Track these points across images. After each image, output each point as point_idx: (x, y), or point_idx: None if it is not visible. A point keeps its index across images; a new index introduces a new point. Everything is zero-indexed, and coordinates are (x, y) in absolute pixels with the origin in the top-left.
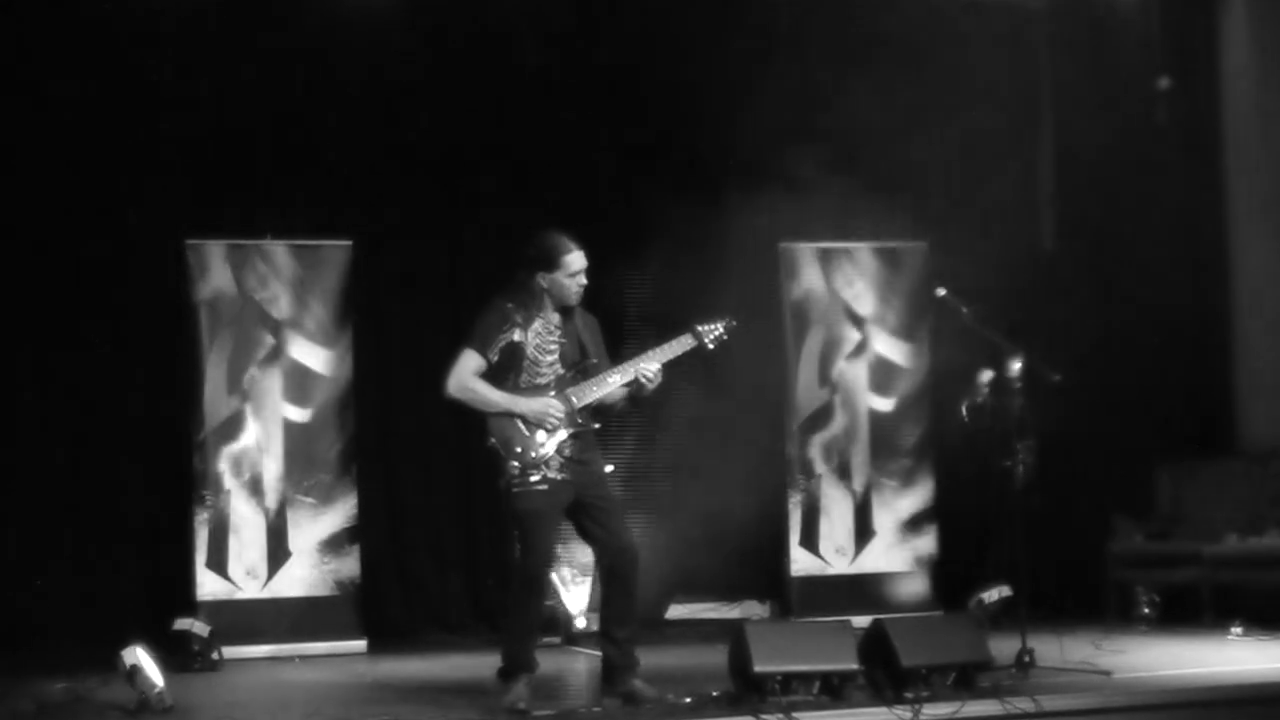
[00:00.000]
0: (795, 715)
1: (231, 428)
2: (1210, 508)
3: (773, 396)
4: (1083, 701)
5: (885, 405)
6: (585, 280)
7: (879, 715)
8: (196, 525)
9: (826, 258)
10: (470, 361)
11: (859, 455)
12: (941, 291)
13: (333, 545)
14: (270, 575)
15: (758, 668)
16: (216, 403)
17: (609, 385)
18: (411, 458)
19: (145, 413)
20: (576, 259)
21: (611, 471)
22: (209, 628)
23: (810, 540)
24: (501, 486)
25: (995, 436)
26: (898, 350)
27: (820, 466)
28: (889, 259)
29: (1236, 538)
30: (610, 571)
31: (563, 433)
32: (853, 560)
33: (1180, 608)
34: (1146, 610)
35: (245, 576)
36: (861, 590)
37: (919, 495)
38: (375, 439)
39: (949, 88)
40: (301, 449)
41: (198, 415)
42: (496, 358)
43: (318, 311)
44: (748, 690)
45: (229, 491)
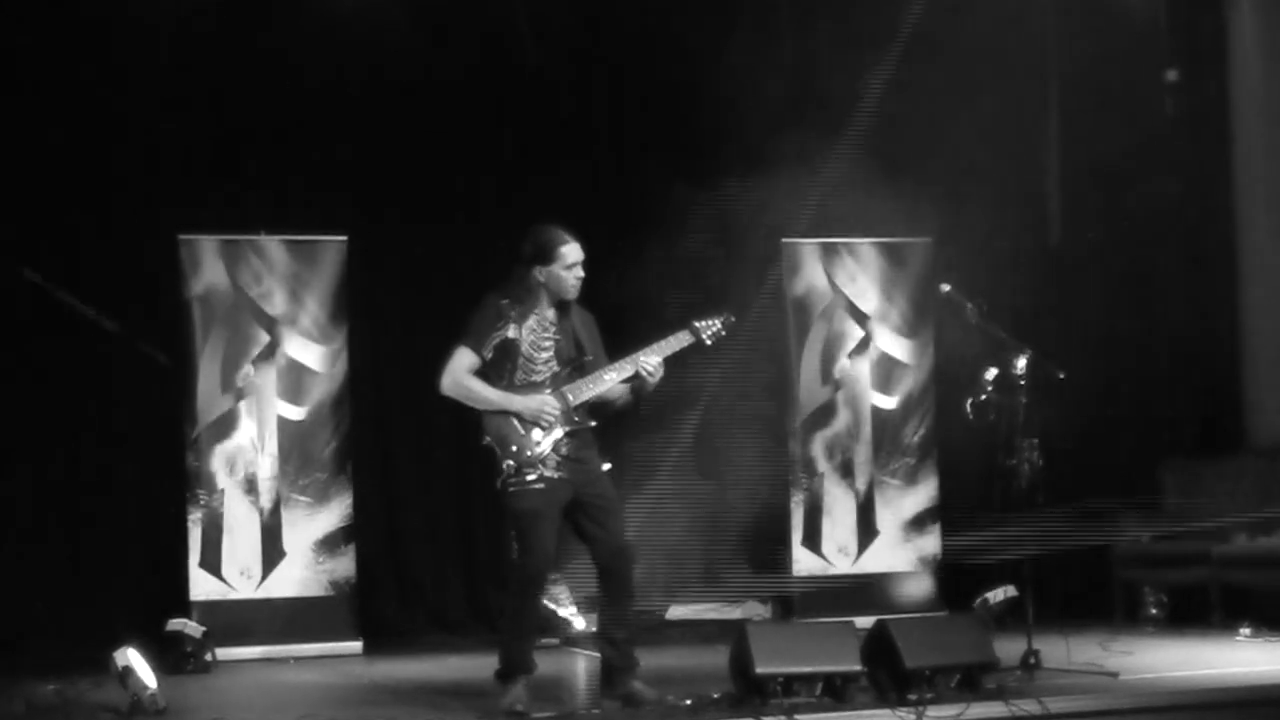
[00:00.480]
0: (797, 717)
1: (225, 425)
2: (1219, 506)
3: (775, 394)
4: (1089, 703)
5: (889, 403)
6: (583, 273)
7: (882, 717)
8: (190, 524)
9: (829, 253)
10: (464, 358)
11: (862, 454)
12: (946, 287)
13: (328, 545)
14: (264, 575)
15: (759, 669)
16: (210, 400)
17: (605, 382)
18: (408, 456)
19: (138, 410)
20: (573, 251)
21: (609, 469)
22: (202, 629)
23: (813, 540)
24: (498, 486)
25: (1000, 434)
26: (901, 347)
27: (823, 465)
28: (892, 254)
29: (1245, 537)
30: (606, 572)
31: (559, 431)
32: (856, 560)
33: (1188, 608)
34: (1154, 611)
35: (239, 576)
36: (865, 590)
37: (923, 494)
38: (371, 437)
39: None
40: (297, 447)
41: (191, 413)
42: (490, 354)
43: (313, 308)
44: (749, 692)
45: (223, 490)
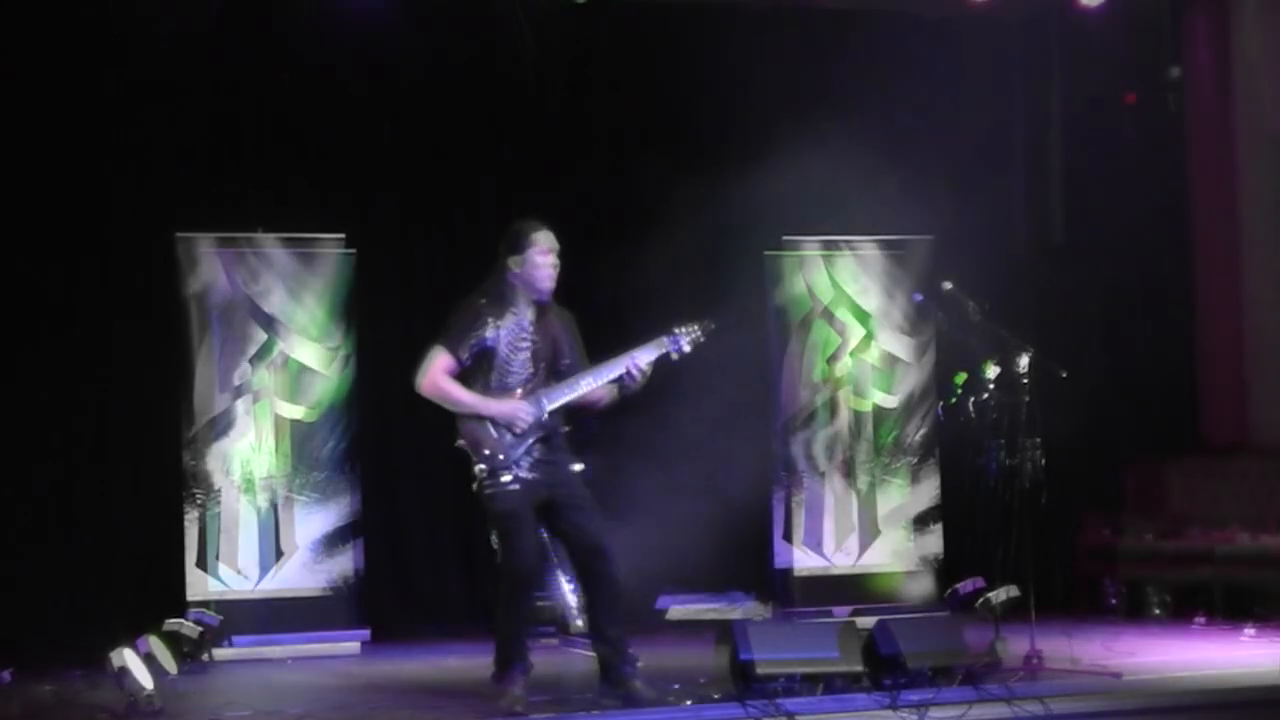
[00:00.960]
0: (798, 717)
1: (223, 424)
2: (1222, 505)
3: (773, 392)
4: (1092, 704)
5: (889, 401)
6: (557, 262)
7: (883, 717)
8: (187, 524)
9: (829, 252)
10: (441, 360)
11: (862, 452)
12: (948, 285)
13: (327, 543)
14: (263, 574)
15: (760, 669)
16: (207, 399)
17: (580, 388)
18: (408, 455)
19: (136, 408)
20: (543, 237)
21: (581, 470)
22: (199, 628)
23: (813, 539)
24: (474, 489)
25: (1001, 433)
26: (902, 346)
27: (823, 464)
28: (893, 253)
29: (1248, 536)
30: (586, 571)
31: (531, 436)
32: (856, 559)
33: (1192, 606)
34: (1158, 610)
35: (237, 575)
36: (866, 589)
37: (923, 493)
38: (371, 436)
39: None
40: (296, 446)
41: (188, 411)
42: (468, 357)
43: (311, 306)
44: (749, 691)
45: (220, 489)
